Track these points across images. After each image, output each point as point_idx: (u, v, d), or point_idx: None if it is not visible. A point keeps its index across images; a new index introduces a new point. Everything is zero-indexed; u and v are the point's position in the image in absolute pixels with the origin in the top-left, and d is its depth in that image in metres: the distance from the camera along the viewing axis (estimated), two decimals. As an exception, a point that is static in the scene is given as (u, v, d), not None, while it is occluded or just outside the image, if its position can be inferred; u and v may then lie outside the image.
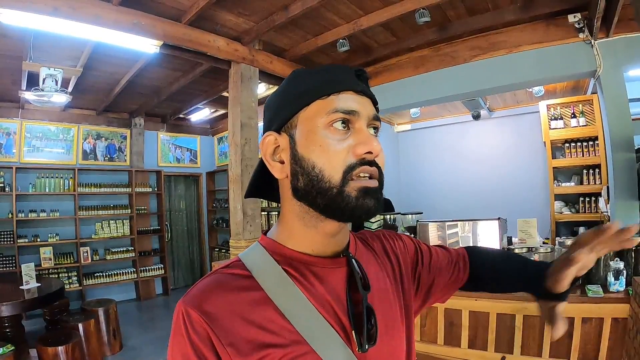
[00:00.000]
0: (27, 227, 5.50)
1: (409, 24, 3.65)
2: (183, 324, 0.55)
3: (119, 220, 6.37)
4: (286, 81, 0.66)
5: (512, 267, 0.85)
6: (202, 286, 0.59)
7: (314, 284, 0.61)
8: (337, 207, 0.57)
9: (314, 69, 0.64)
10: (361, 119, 0.59)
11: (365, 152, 0.57)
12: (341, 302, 0.61)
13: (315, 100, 0.60)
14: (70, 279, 5.66)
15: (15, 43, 3.67)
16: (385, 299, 0.68)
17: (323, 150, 0.58)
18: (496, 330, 2.82)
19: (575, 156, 4.61)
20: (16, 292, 3.60)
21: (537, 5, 3.42)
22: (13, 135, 5.54)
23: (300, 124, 0.61)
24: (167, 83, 5.24)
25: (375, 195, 0.58)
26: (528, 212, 4.12)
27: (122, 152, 6.66)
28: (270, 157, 0.64)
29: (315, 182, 0.58)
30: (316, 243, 0.63)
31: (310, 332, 0.57)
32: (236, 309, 0.56)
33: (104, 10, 2.96)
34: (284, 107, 0.63)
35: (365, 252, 0.73)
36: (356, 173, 0.57)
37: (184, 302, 0.57)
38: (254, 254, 0.64)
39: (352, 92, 0.61)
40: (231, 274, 0.61)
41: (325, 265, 0.63)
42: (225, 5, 3.32)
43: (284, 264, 0.62)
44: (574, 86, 4.96)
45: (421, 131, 7.15)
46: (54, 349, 2.85)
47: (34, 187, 5.54)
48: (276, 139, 0.63)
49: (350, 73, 0.63)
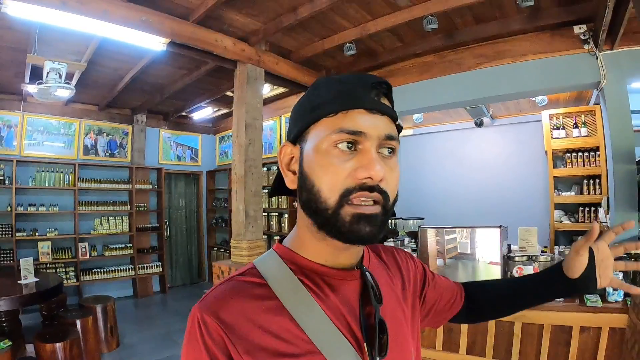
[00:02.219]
0: (25, 220, 5.48)
1: (415, 29, 3.67)
2: (199, 329, 0.55)
3: (118, 216, 6.35)
4: (309, 90, 0.65)
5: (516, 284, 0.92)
6: (218, 293, 0.59)
7: (328, 295, 0.61)
8: (331, 229, 0.57)
9: (335, 79, 0.62)
10: (369, 140, 0.57)
11: (365, 177, 0.55)
12: (354, 314, 0.62)
13: (324, 118, 0.58)
14: (68, 274, 5.63)
15: (21, 35, 3.66)
16: (395, 312, 0.69)
17: (323, 170, 0.56)
18: (495, 337, 2.84)
19: (576, 166, 4.63)
20: (14, 287, 3.58)
21: (543, 15, 3.44)
22: (14, 128, 5.53)
23: (310, 140, 0.60)
24: (171, 81, 5.24)
25: (373, 222, 0.56)
26: (528, 220, 4.13)
27: (124, 148, 6.65)
28: (286, 167, 0.64)
29: (313, 200, 0.57)
30: (328, 254, 0.62)
31: (324, 342, 0.57)
32: (252, 317, 0.56)
33: (112, 6, 2.96)
34: (299, 119, 0.63)
35: (378, 265, 0.74)
36: (353, 197, 0.55)
37: (200, 309, 0.57)
38: (270, 262, 0.64)
39: (363, 110, 0.57)
40: (247, 281, 0.60)
41: (340, 276, 0.63)
42: (234, 5, 3.33)
43: (299, 274, 0.62)
44: (576, 97, 4.99)
45: (423, 136, 7.16)
46: (52, 345, 2.84)
47: (34, 180, 5.53)
48: (291, 150, 0.63)
49: (367, 87, 0.59)
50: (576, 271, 0.79)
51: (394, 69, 4.73)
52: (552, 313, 2.60)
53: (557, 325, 2.61)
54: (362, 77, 0.61)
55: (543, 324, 2.65)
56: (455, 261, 3.10)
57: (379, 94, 0.60)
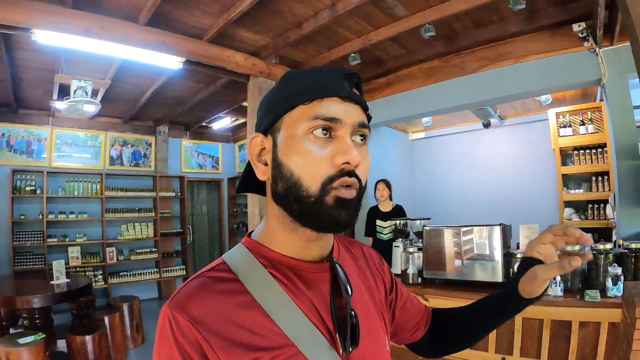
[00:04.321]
0: (56, 227, 5.82)
1: (417, 37, 3.76)
2: (169, 328, 0.54)
3: (143, 222, 6.66)
4: (278, 82, 0.65)
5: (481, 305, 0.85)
6: (188, 290, 0.57)
7: (299, 288, 0.61)
8: (311, 215, 0.57)
9: (306, 71, 0.63)
10: (344, 127, 0.57)
11: (343, 163, 0.56)
12: (326, 306, 0.62)
13: (298, 106, 0.58)
14: (96, 277, 5.93)
15: (48, 58, 3.96)
16: (366, 303, 0.70)
17: (302, 158, 0.57)
18: (497, 332, 2.87)
19: (584, 163, 4.63)
20: (46, 287, 3.86)
21: (540, 16, 3.51)
22: (44, 141, 5.88)
23: (283, 129, 0.60)
24: (190, 94, 5.49)
25: (350, 206, 0.57)
26: (537, 218, 4.14)
27: (147, 158, 6.97)
28: (256, 158, 0.64)
29: (293, 189, 0.57)
30: (299, 247, 0.63)
31: (297, 335, 0.57)
32: (224, 312, 0.55)
33: (132, 30, 3.22)
34: (270, 109, 0.62)
35: (347, 257, 0.74)
36: (335, 185, 0.56)
37: (170, 307, 0.55)
38: (239, 256, 0.64)
39: (337, 98, 0.58)
40: (217, 277, 0.59)
41: (310, 269, 0.63)
42: (243, 24, 3.53)
43: (270, 267, 0.61)
44: (583, 93, 4.98)
45: (435, 139, 7.23)
46: (82, 337, 3.09)
47: (64, 190, 5.87)
48: (262, 141, 0.63)
49: (339, 77, 0.60)
50: (534, 294, 0.75)
51: (400, 75, 4.86)
52: (551, 308, 2.60)
53: (556, 320, 2.62)
54: (334, 68, 0.62)
55: (543, 319, 2.66)
56: (472, 262, 3.08)
57: (351, 84, 0.61)
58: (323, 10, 3.34)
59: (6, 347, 2.74)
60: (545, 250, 0.74)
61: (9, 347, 2.75)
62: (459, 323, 0.88)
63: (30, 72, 4.43)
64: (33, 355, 2.78)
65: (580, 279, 2.73)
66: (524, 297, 0.76)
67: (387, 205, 4.43)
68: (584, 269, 2.75)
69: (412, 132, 7.47)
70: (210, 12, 3.31)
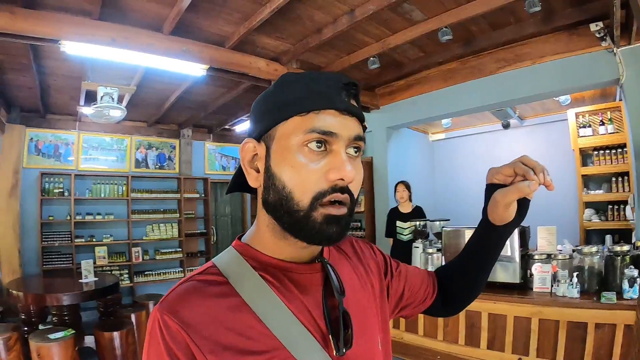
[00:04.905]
0: (83, 228, 6.00)
1: (435, 40, 3.77)
2: (159, 331, 0.54)
3: (168, 223, 6.84)
4: (274, 86, 0.62)
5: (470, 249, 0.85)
6: (178, 293, 0.57)
7: (290, 290, 0.60)
8: (301, 230, 0.57)
9: (303, 76, 0.60)
10: (339, 141, 0.56)
11: (337, 179, 0.55)
12: (318, 307, 0.61)
13: (294, 116, 0.57)
14: (122, 276, 6.09)
15: (76, 66, 4.11)
16: (359, 302, 0.69)
17: (295, 171, 0.56)
18: (513, 333, 2.90)
19: (604, 164, 4.58)
20: (75, 285, 4.00)
21: (557, 17, 3.50)
22: (71, 145, 6.09)
23: (277, 138, 0.58)
24: (213, 98, 5.60)
25: (341, 223, 0.57)
26: (558, 220, 4.10)
27: (172, 160, 7.14)
28: (248, 164, 0.62)
29: (284, 201, 0.56)
30: (289, 252, 0.62)
31: (288, 337, 0.56)
32: (214, 316, 0.55)
33: (156, 40, 3.34)
34: (265, 115, 0.60)
35: (338, 256, 0.73)
36: (326, 200, 0.55)
37: (160, 310, 0.55)
38: (229, 259, 0.63)
39: (334, 110, 0.57)
40: (207, 280, 0.59)
41: (301, 271, 0.63)
42: (263, 31, 3.62)
43: (260, 270, 0.61)
44: (602, 93, 4.90)
45: (455, 140, 7.20)
46: (110, 334, 3.19)
47: (91, 192, 6.07)
48: (255, 147, 0.62)
49: (337, 87, 0.58)
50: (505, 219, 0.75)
51: (419, 78, 4.92)
52: (567, 309, 2.61)
53: (572, 321, 2.62)
54: (333, 76, 0.60)
55: (559, 320, 2.67)
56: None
57: (349, 95, 0.59)
58: (342, 16, 3.41)
59: (37, 342, 2.83)
60: (503, 176, 0.74)
61: (40, 342, 2.83)
62: (460, 273, 0.88)
63: (58, 79, 4.60)
64: (63, 350, 2.86)
65: (597, 281, 2.73)
66: (497, 225, 0.76)
67: (407, 207, 4.48)
68: (601, 270, 2.74)
69: (432, 133, 7.45)
70: (232, 20, 3.41)
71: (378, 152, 5.57)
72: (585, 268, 2.76)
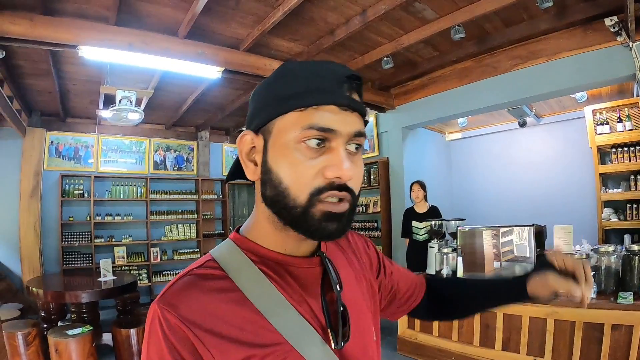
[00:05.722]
0: (103, 228, 6.13)
1: (448, 39, 3.76)
2: (159, 326, 0.53)
3: (186, 224, 6.92)
4: (274, 75, 0.60)
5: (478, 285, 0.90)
6: (177, 288, 0.56)
7: (290, 283, 0.60)
8: (300, 226, 0.56)
9: (305, 66, 0.58)
10: (339, 138, 0.55)
11: (334, 177, 0.54)
12: (316, 301, 0.61)
13: (293, 111, 0.55)
14: (141, 275, 6.21)
15: (94, 70, 4.23)
16: (356, 295, 0.69)
17: (292, 167, 0.55)
18: (528, 334, 2.88)
19: (622, 161, 4.48)
20: (94, 283, 4.09)
21: (570, 12, 3.46)
22: (91, 148, 6.23)
23: (275, 133, 0.57)
24: (229, 100, 5.68)
25: (341, 220, 0.56)
26: (575, 219, 4.05)
27: (190, 162, 7.23)
28: (246, 157, 0.61)
29: (281, 197, 0.56)
30: (288, 244, 0.62)
31: (290, 331, 0.56)
32: (214, 310, 0.54)
33: (172, 44, 3.42)
34: (264, 107, 0.59)
35: (335, 249, 0.73)
36: (324, 197, 0.54)
37: (160, 305, 0.54)
38: (228, 253, 0.62)
39: (335, 106, 0.55)
40: (206, 274, 0.58)
41: (300, 264, 0.63)
42: (277, 33, 3.66)
43: (260, 264, 0.60)
44: (619, 89, 4.80)
45: (471, 139, 7.13)
46: (127, 330, 3.24)
47: (110, 193, 6.19)
48: (252, 139, 0.60)
49: (339, 81, 0.56)
50: (538, 295, 0.78)
51: (434, 77, 4.91)
52: (583, 310, 2.56)
53: (588, 322, 2.59)
54: (334, 68, 0.58)
55: (575, 321, 2.64)
56: (511, 264, 3.08)
57: (350, 89, 0.57)
58: (354, 17, 3.43)
59: (55, 338, 2.88)
60: (563, 264, 0.75)
61: (58, 338, 2.89)
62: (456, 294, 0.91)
63: (77, 84, 4.73)
64: (80, 346, 2.91)
65: (614, 281, 2.69)
66: (529, 294, 0.79)
67: (423, 207, 4.49)
68: (618, 270, 2.70)
69: (448, 132, 7.39)
70: (245, 23, 3.46)
71: (394, 152, 5.56)
72: (602, 268, 2.72)
